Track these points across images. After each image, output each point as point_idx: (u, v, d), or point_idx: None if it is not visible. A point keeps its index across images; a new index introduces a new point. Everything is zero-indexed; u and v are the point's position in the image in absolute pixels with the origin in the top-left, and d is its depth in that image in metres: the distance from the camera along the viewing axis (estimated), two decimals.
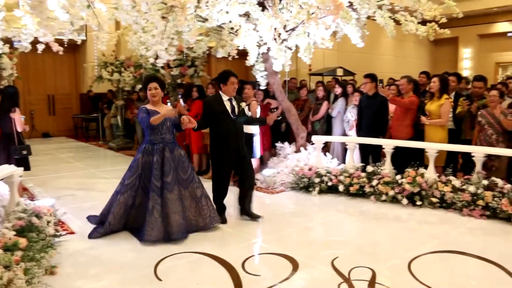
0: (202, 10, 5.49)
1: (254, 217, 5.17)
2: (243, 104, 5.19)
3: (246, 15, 5.94)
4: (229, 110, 4.97)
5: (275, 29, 5.71)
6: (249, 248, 4.45)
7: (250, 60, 6.09)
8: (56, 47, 5.23)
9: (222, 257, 4.03)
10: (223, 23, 6.04)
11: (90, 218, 5.00)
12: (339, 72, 13.99)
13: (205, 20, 5.87)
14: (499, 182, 5.30)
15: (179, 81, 9.35)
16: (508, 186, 5.23)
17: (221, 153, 5.03)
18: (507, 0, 14.35)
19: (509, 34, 16.89)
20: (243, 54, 6.26)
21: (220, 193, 5.12)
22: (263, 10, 5.75)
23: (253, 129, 6.52)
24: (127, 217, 4.65)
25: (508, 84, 7.35)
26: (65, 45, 5.52)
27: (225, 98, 4.99)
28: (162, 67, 8.46)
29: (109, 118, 11.89)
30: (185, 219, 4.58)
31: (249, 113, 5.44)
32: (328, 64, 15.05)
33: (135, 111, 10.00)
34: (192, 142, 7.87)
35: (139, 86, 10.52)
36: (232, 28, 6.14)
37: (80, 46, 12.04)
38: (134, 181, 4.60)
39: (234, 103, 5.02)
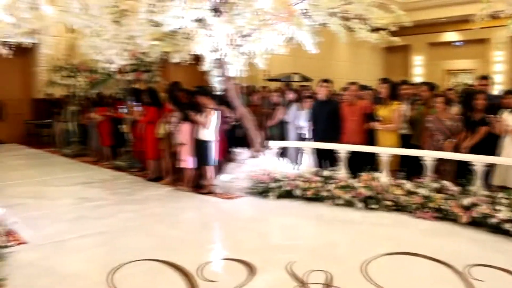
0: (155, 15, 5.43)
1: None
2: None
3: (199, 20, 5.92)
4: None
5: (229, 34, 5.71)
6: (206, 254, 4.40)
7: (205, 66, 6.07)
8: (4, 51, 5.04)
9: (178, 264, 3.97)
10: (177, 28, 5.98)
11: None
12: (296, 78, 14.12)
13: (159, 25, 5.79)
14: (448, 185, 5.50)
15: (137, 86, 9.19)
16: (456, 188, 5.43)
17: None
18: (454, 11, 14.94)
19: (456, 43, 17.58)
20: (199, 59, 6.23)
21: None
22: (218, 16, 5.75)
23: (207, 135, 6.51)
24: None
25: (449, 95, 7.59)
26: (13, 48, 5.33)
27: None
28: (115, 72, 8.29)
29: (60, 123, 11.53)
30: None
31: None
32: (285, 70, 15.14)
33: (91, 116, 9.77)
34: (148, 148, 7.74)
35: (94, 91, 10.31)
36: (186, 33, 6.09)
37: (31, 49, 11.61)
38: None
39: None
